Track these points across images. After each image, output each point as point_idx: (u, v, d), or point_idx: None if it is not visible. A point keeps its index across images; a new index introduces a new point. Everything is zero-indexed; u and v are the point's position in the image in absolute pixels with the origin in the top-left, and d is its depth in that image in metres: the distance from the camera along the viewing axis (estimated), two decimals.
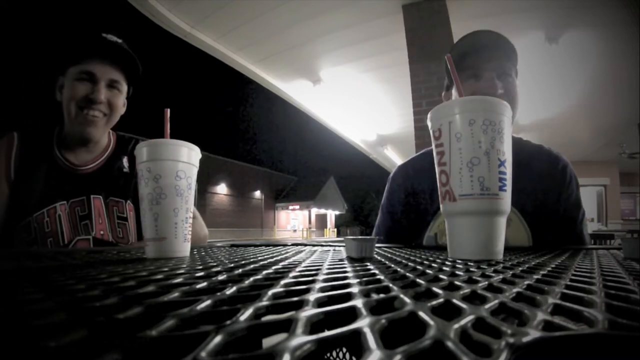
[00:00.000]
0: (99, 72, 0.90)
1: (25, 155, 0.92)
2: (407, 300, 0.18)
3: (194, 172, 0.55)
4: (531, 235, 0.84)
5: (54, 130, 0.97)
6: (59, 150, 0.94)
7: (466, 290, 0.21)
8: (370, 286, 0.22)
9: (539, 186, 0.86)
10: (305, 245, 0.78)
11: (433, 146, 0.48)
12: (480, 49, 0.81)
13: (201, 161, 0.57)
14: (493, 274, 0.28)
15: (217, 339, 0.12)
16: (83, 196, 0.92)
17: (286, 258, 0.45)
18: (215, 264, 0.37)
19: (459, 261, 0.41)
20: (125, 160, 1.02)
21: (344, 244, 0.53)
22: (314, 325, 0.14)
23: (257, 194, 26.91)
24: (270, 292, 0.20)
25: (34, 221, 0.87)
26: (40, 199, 0.89)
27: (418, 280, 0.25)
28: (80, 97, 0.88)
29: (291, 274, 0.28)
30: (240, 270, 0.31)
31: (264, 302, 0.17)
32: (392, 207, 1.04)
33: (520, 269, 0.32)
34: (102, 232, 0.92)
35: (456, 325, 0.13)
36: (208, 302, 0.17)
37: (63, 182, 0.91)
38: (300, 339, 0.11)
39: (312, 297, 0.19)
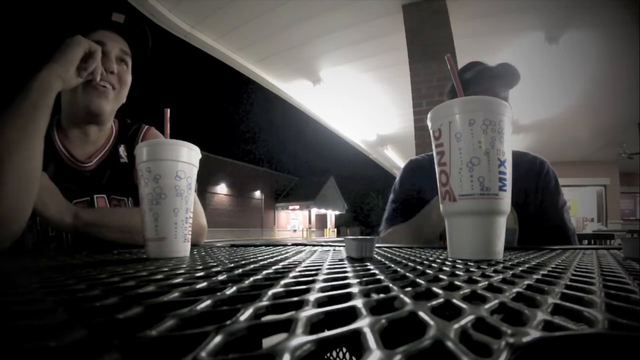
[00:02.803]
0: (108, 41, 0.86)
1: None
2: (407, 300, 0.18)
3: (194, 172, 0.55)
4: (517, 218, 0.94)
5: (54, 118, 0.90)
6: (61, 142, 0.89)
7: (466, 290, 0.21)
8: (370, 286, 0.22)
9: (522, 183, 0.96)
10: (305, 245, 0.78)
11: (433, 146, 0.48)
12: (497, 77, 0.94)
13: (201, 161, 0.57)
14: (493, 274, 0.28)
15: (217, 339, 0.12)
16: (87, 197, 0.87)
17: (286, 258, 0.45)
18: (215, 264, 0.37)
19: (459, 261, 0.41)
20: (122, 150, 0.95)
21: (344, 244, 0.53)
22: (314, 325, 0.14)
23: (257, 194, 26.89)
24: (270, 292, 0.20)
25: (37, 224, 0.82)
26: None
27: (418, 280, 0.25)
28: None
29: (291, 274, 0.28)
30: (240, 270, 0.31)
31: (264, 302, 0.17)
32: (397, 198, 1.14)
33: (520, 269, 0.32)
34: None
35: (456, 325, 0.13)
36: (208, 302, 0.17)
37: (68, 181, 0.85)
38: (300, 339, 0.11)
39: (312, 297, 0.19)
